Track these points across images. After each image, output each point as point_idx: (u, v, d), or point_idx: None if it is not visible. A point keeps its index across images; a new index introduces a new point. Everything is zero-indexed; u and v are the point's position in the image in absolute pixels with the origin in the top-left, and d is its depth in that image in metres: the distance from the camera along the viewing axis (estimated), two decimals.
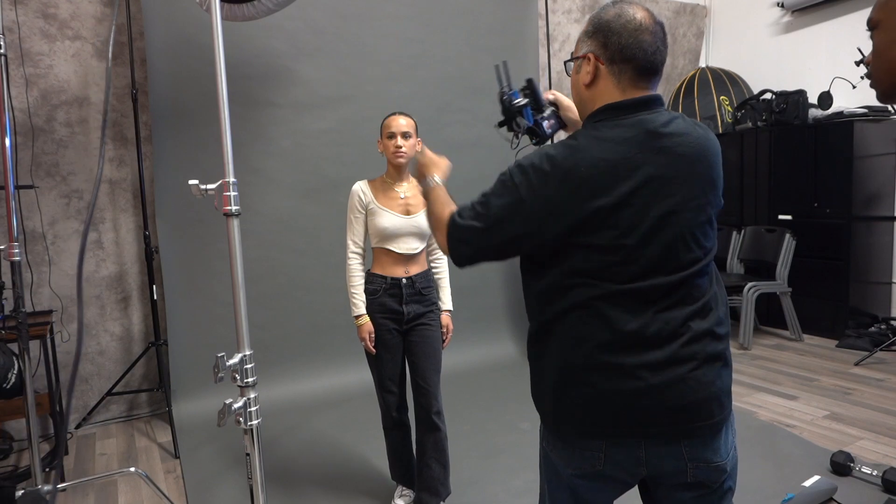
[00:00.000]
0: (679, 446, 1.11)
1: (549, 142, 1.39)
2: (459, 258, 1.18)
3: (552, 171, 1.09)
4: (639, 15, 1.13)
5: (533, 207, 1.10)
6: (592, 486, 1.18)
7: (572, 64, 1.23)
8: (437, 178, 1.36)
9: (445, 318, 2.35)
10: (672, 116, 1.14)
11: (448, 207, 1.24)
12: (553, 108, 1.43)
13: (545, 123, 1.40)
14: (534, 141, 1.41)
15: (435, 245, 2.35)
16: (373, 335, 2.20)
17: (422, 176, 1.39)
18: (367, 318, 2.20)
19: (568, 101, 1.44)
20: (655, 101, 1.15)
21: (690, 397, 1.09)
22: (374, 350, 2.22)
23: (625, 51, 1.12)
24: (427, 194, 1.34)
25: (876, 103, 4.31)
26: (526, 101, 1.38)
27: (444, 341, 2.33)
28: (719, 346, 1.13)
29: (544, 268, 1.16)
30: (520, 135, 1.40)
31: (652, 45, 1.13)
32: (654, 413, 1.09)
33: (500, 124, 1.42)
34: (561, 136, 1.38)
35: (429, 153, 1.44)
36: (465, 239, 1.16)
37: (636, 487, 1.27)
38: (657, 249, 1.09)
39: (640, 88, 1.15)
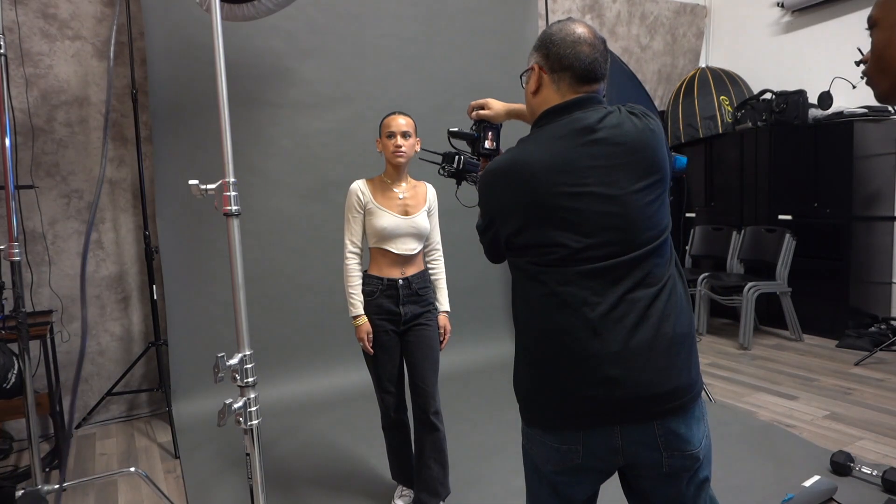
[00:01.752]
0: (652, 429, 1.15)
1: (499, 151, 1.64)
2: (487, 257, 1.40)
3: (496, 179, 1.23)
4: (579, 30, 1.23)
5: (491, 215, 1.26)
6: (572, 480, 1.22)
7: (525, 77, 1.31)
8: None
9: (443, 319, 2.34)
10: (607, 111, 1.21)
11: None
12: (482, 125, 1.63)
13: (486, 144, 1.62)
14: (486, 155, 1.65)
15: (432, 246, 2.35)
16: (371, 336, 2.20)
17: None
18: (365, 319, 2.19)
19: (494, 102, 1.64)
20: (590, 100, 1.23)
21: (662, 380, 1.14)
22: (372, 351, 2.22)
23: (563, 60, 1.22)
24: None
25: (876, 103, 4.31)
26: (460, 158, 1.65)
27: (441, 342, 2.33)
28: (685, 327, 1.18)
29: (514, 264, 1.26)
30: (476, 176, 1.66)
31: (589, 56, 1.22)
32: (627, 399, 1.13)
33: (459, 183, 1.70)
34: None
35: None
36: (483, 245, 1.38)
37: (619, 482, 1.31)
38: (610, 233, 1.15)
39: (578, 93, 1.24)
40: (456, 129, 1.67)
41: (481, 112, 1.64)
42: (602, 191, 1.15)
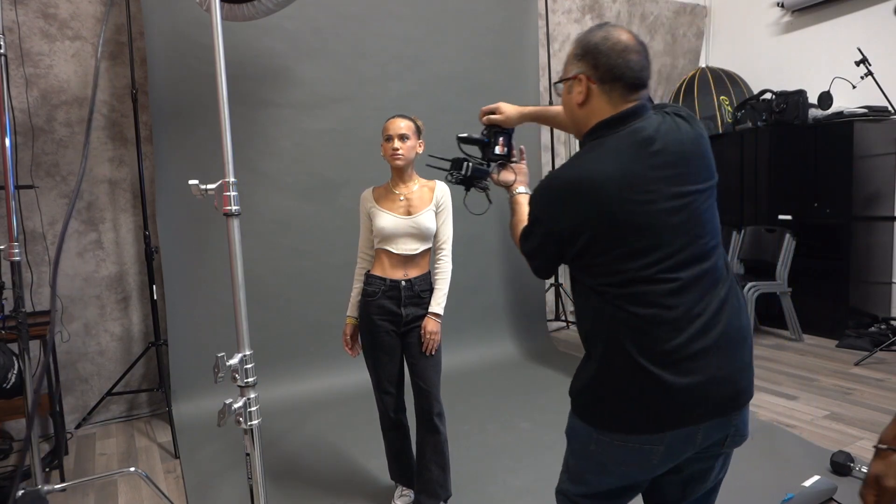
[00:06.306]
0: (728, 419, 1.20)
1: (511, 157, 1.65)
2: (534, 273, 1.36)
3: (561, 195, 1.21)
4: (624, 37, 1.22)
5: (553, 231, 1.23)
6: (642, 471, 1.24)
7: (562, 85, 1.30)
8: (521, 188, 1.58)
9: (426, 322, 2.18)
10: (660, 119, 1.22)
11: (521, 225, 1.40)
12: (493, 130, 1.62)
13: (497, 150, 1.61)
14: (498, 163, 1.64)
15: (438, 245, 2.31)
16: (352, 337, 2.29)
17: (507, 184, 1.61)
18: (351, 321, 2.29)
19: (507, 106, 1.63)
20: (643, 109, 1.23)
21: (741, 378, 1.20)
22: (350, 351, 2.31)
23: (614, 70, 1.21)
24: (511, 203, 1.56)
25: (876, 103, 4.31)
26: (468, 165, 1.60)
27: (424, 347, 2.17)
28: (744, 323, 1.23)
29: (581, 280, 1.25)
30: (486, 184, 1.65)
31: (639, 64, 1.22)
32: (715, 398, 1.17)
33: (467, 190, 1.66)
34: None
35: (518, 167, 1.64)
36: (529, 261, 1.35)
37: None
38: (682, 242, 1.16)
39: (629, 101, 1.23)
40: (466, 135, 1.61)
41: (492, 117, 1.62)
42: (669, 204, 1.16)
